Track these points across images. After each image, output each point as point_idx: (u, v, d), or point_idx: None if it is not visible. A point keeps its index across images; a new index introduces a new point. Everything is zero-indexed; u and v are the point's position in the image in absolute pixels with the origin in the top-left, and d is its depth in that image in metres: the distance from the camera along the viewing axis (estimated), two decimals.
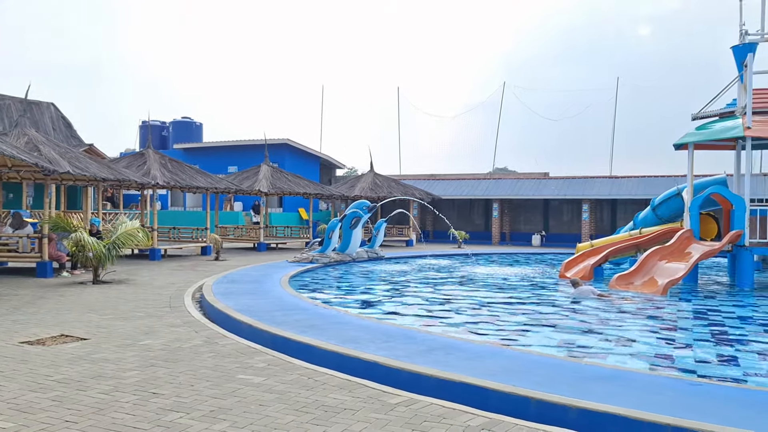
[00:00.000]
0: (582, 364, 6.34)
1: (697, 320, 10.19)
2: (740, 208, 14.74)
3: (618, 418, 4.42)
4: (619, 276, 14.20)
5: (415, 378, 5.54)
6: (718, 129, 15.48)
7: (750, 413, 4.62)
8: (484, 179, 38.11)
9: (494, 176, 39.93)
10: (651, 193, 25.87)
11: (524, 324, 9.44)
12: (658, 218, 18.70)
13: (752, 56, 15.15)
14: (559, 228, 36.16)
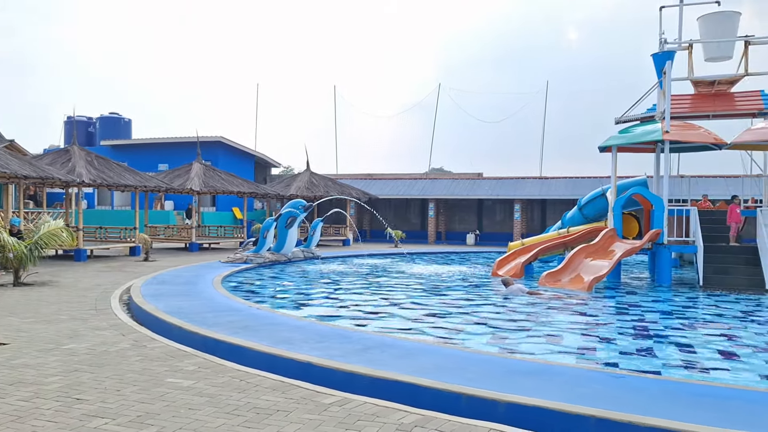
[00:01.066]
0: (512, 360, 6.52)
1: (620, 315, 10.65)
2: (659, 208, 15.52)
3: (544, 410, 4.57)
4: (548, 273, 14.67)
5: (349, 377, 5.54)
6: (639, 132, 16.24)
7: (666, 404, 4.87)
8: (421, 179, 38.54)
9: (430, 176, 40.44)
10: (578, 193, 26.85)
11: (458, 321, 9.61)
12: (584, 218, 19.44)
13: (670, 64, 15.98)
14: (493, 227, 37.00)
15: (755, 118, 17.33)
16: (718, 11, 17.23)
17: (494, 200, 35.98)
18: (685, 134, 15.62)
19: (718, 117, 17.78)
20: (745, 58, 17.07)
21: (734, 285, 14.09)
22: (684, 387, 5.57)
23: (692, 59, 17.48)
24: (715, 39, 17.07)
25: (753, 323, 9.89)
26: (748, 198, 19.03)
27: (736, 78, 17.44)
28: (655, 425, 4.21)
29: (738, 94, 17.96)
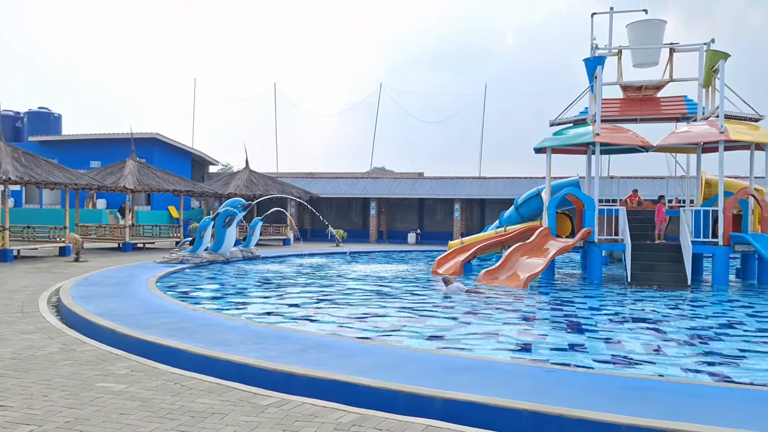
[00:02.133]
0: (450, 357, 6.63)
1: (553, 311, 11.00)
2: (590, 207, 16.10)
3: (479, 405, 4.69)
4: (486, 271, 14.99)
5: (287, 378, 5.51)
6: (572, 135, 16.81)
7: (595, 396, 5.07)
8: (362, 178, 38.60)
9: (372, 175, 40.57)
10: (515, 193, 27.53)
11: (398, 320, 9.69)
12: (520, 217, 19.97)
13: (601, 69, 16.60)
14: (433, 226, 37.46)
15: (679, 122, 18.23)
16: (645, 19, 18.03)
17: (435, 200, 36.43)
18: (614, 137, 16.26)
19: (645, 120, 18.61)
20: (670, 65, 17.93)
21: (659, 281, 14.77)
22: (612, 380, 5.82)
23: (621, 65, 18.24)
24: (642, 46, 17.85)
25: (676, 318, 10.41)
26: (672, 198, 19.99)
27: (661, 83, 18.29)
28: (584, 417, 4.38)
29: (663, 99, 18.85)
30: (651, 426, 4.22)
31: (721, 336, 8.76)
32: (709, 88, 16.98)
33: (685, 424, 4.23)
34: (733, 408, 4.79)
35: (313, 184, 36.78)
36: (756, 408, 4.80)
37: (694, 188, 17.98)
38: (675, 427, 4.20)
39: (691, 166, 18.82)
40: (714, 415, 4.53)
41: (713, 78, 16.39)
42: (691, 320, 10.26)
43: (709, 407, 4.80)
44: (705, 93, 17.23)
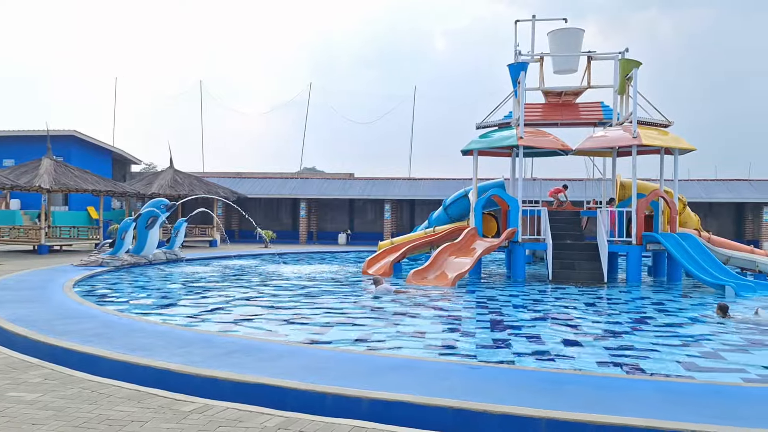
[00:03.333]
0: (377, 356, 6.69)
1: (479, 309, 11.29)
2: (515, 208, 16.62)
3: (406, 404, 4.76)
4: (415, 271, 15.19)
5: (211, 383, 5.40)
6: (497, 138, 17.30)
7: (517, 391, 5.25)
8: (292, 178, 38.24)
9: (302, 175, 40.27)
10: (444, 194, 27.99)
11: (327, 321, 9.68)
12: (449, 217, 20.34)
13: (524, 74, 17.16)
14: (364, 227, 37.57)
15: (596, 126, 19.10)
16: (565, 28, 18.79)
17: (365, 200, 36.55)
18: (536, 140, 16.85)
19: (566, 125, 19.39)
20: (587, 72, 18.76)
21: (578, 279, 15.41)
22: (533, 375, 6.04)
23: (543, 71, 18.93)
24: (562, 53, 18.59)
25: (593, 314, 10.91)
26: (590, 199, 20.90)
27: (580, 90, 19.12)
28: (506, 412, 4.53)
29: (582, 104, 19.70)
30: (566, 418, 4.41)
31: (633, 330, 9.24)
32: (623, 95, 17.87)
33: (598, 416, 4.44)
34: (643, 398, 5.07)
35: (241, 184, 36.12)
36: (663, 397, 5.10)
37: (611, 190, 18.87)
38: (589, 418, 4.40)
39: (607, 169, 19.74)
40: (625, 406, 4.78)
41: (627, 85, 17.26)
42: (607, 316, 10.79)
43: (622, 398, 5.06)
44: (620, 99, 18.12)
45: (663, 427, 4.27)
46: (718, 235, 22.37)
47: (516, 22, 18.86)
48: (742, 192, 32.59)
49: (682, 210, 19.01)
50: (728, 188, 33.05)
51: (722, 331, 9.12)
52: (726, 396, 5.18)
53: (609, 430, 4.35)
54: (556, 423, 4.41)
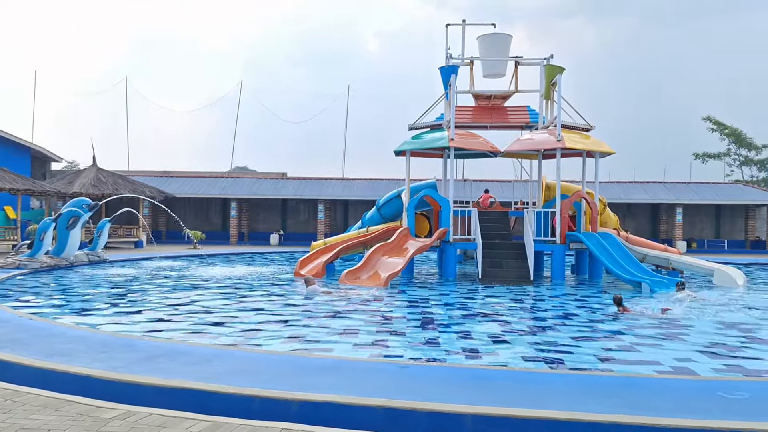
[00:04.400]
0: (307, 358, 6.66)
1: (411, 308, 11.42)
2: (446, 208, 16.91)
3: (335, 405, 4.76)
4: (348, 272, 15.19)
5: (133, 389, 5.23)
6: (429, 139, 17.56)
7: (445, 388, 5.35)
8: (223, 178, 37.48)
9: (233, 175, 39.52)
10: (377, 194, 28.17)
11: (258, 323, 9.54)
12: (382, 217, 20.47)
13: (455, 77, 17.49)
14: (297, 227, 37.27)
15: (523, 130, 19.69)
16: (493, 33, 19.28)
17: (298, 200, 36.26)
18: (467, 142, 17.21)
19: (495, 128, 19.90)
20: (515, 77, 19.31)
21: (506, 277, 15.84)
22: (461, 371, 6.18)
23: (473, 74, 19.36)
24: (490, 58, 19.06)
25: (520, 311, 11.24)
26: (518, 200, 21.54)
27: (508, 94, 19.66)
28: (433, 409, 4.61)
29: (510, 108, 20.27)
30: (492, 413, 4.53)
31: (557, 326, 9.59)
32: (548, 99, 18.50)
33: (522, 410, 4.59)
34: (564, 392, 5.26)
35: (169, 183, 35.08)
36: (583, 390, 5.32)
37: (537, 191, 19.50)
38: (513, 413, 4.54)
39: (534, 170, 20.39)
40: (548, 400, 4.96)
41: (552, 90, 17.89)
42: (532, 313, 11.14)
43: (545, 392, 5.24)
44: (545, 104, 18.75)
45: (582, 419, 4.46)
46: (636, 234, 23.54)
47: (447, 25, 19.20)
48: (657, 194, 34.40)
49: (603, 210, 19.88)
50: (645, 190, 34.81)
51: (638, 325, 9.60)
52: (640, 387, 5.46)
53: (532, 423, 4.50)
54: (481, 418, 4.52)
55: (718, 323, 9.93)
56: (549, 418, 4.48)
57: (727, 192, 35.21)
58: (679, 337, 8.77)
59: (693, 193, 34.38)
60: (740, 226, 36.01)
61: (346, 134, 43.73)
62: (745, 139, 50.56)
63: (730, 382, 5.95)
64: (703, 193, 34.46)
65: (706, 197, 33.96)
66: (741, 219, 35.95)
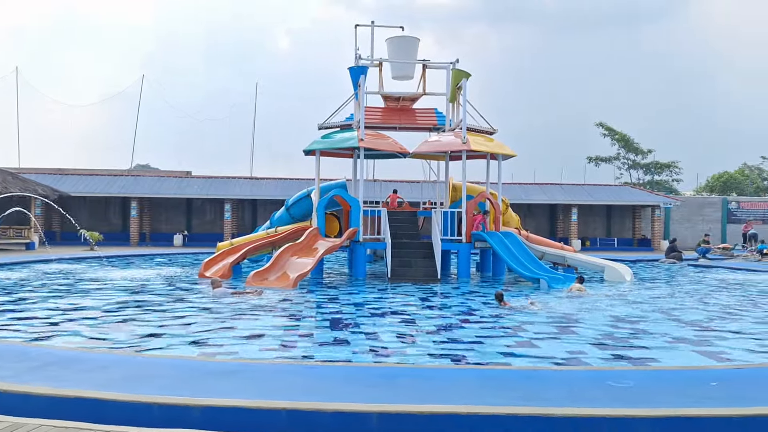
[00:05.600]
0: (209, 362, 6.50)
1: (320, 308, 11.40)
2: (356, 208, 17.01)
3: (238, 409, 4.67)
4: (255, 273, 14.93)
5: (23, 399, 4.89)
6: (338, 139, 17.59)
7: (354, 387, 5.38)
8: (122, 176, 35.78)
9: (133, 173, 37.83)
10: (287, 194, 27.86)
11: (158, 327, 9.19)
12: (291, 217, 20.28)
13: (364, 78, 17.63)
14: (202, 227, 36.18)
15: (431, 131, 20.14)
16: (401, 35, 19.59)
17: (204, 199, 35.22)
18: (376, 143, 17.39)
19: (404, 129, 20.23)
20: (423, 80, 19.71)
21: (415, 276, 16.14)
22: (368, 370, 6.24)
23: (382, 75, 19.57)
24: (399, 60, 19.35)
25: (427, 309, 11.49)
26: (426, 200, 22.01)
27: (416, 96, 20.03)
28: (338, 409, 4.63)
29: (418, 110, 20.66)
30: (397, 410, 4.61)
31: (462, 323, 9.90)
32: (454, 102, 19.03)
33: (427, 406, 4.70)
34: (467, 386, 5.44)
35: (64, 181, 33.04)
36: (483, 384, 5.52)
37: (444, 192, 20.01)
38: (418, 409, 4.64)
39: (441, 171, 20.89)
40: (452, 395, 5.10)
41: (458, 94, 18.40)
42: (439, 310, 11.43)
43: (449, 388, 5.39)
44: (451, 107, 19.27)
45: (481, 412, 4.63)
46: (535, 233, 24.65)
47: (356, 26, 19.30)
48: (555, 195, 36.23)
49: (505, 210, 20.70)
50: (544, 191, 36.56)
51: (538, 321, 10.07)
52: (535, 380, 5.74)
53: (437, 418, 4.62)
54: (387, 416, 4.59)
55: (609, 316, 10.59)
56: (451, 413, 4.61)
57: (617, 194, 37.62)
58: (573, 330, 9.28)
59: (587, 194, 36.44)
60: (628, 226, 38.56)
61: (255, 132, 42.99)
62: (633, 145, 54.23)
63: (618, 372, 6.37)
64: (595, 194, 36.61)
65: (598, 198, 36.11)
66: (629, 219, 38.49)
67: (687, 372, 6.40)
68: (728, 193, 53.11)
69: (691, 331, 9.39)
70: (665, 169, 55.12)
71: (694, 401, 4.95)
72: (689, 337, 8.86)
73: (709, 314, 11.10)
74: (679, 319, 10.56)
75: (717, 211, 38.72)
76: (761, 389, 5.44)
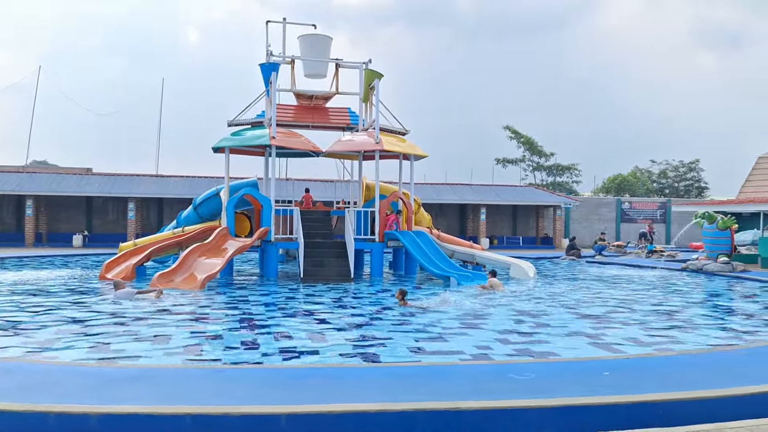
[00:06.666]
0: (110, 368, 6.22)
1: (229, 310, 11.14)
2: (267, 207, 16.76)
3: (140, 416, 4.50)
4: (161, 274, 14.41)
5: None
6: (249, 136, 17.27)
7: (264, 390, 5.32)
8: (16, 173, 33.45)
9: (29, 170, 35.48)
10: (195, 192, 27.00)
11: (55, 332, 8.67)
12: (199, 217, 19.69)
13: (276, 75, 17.41)
14: (104, 227, 34.47)
15: (344, 131, 20.17)
16: (314, 34, 19.49)
17: (106, 198, 33.56)
18: (288, 141, 17.22)
19: (317, 128, 20.14)
20: (336, 79, 19.70)
21: (328, 276, 16.11)
22: (277, 372, 6.20)
23: (294, 73, 19.39)
24: (311, 58, 19.25)
25: (339, 308, 11.51)
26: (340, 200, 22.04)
27: (329, 95, 20.00)
28: (246, 413, 4.56)
29: (331, 109, 20.64)
30: (306, 411, 4.60)
31: (374, 322, 9.99)
32: (367, 102, 19.16)
33: (335, 405, 4.72)
34: (376, 384, 5.51)
35: None
36: (393, 382, 5.61)
37: (357, 191, 20.10)
38: (326, 409, 4.65)
39: (354, 171, 20.99)
40: (362, 393, 5.16)
41: (371, 94, 18.55)
42: (351, 309, 11.47)
43: (359, 386, 5.44)
44: (364, 107, 19.39)
45: (390, 409, 4.71)
46: (447, 232, 25.31)
47: (267, 22, 19.00)
48: (465, 195, 37.28)
49: (418, 210, 21.09)
50: (454, 191, 37.54)
51: (447, 317, 10.34)
52: (443, 375, 5.91)
53: (346, 417, 4.65)
54: (296, 417, 4.57)
55: (514, 312, 11.04)
56: (360, 411, 4.66)
57: (522, 194, 39.23)
58: (479, 326, 9.60)
59: (495, 194, 37.76)
60: (532, 225, 40.30)
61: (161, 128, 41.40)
62: (537, 148, 56.73)
63: (520, 365, 6.67)
64: (502, 194, 38.00)
65: (505, 198, 37.50)
66: (533, 218, 40.24)
67: (583, 363, 6.79)
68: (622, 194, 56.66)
69: (588, 324, 9.97)
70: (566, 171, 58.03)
71: (589, 390, 5.27)
72: (586, 330, 9.40)
73: (603, 308, 11.83)
74: (578, 312, 11.19)
75: (612, 211, 41.20)
76: (647, 377, 5.86)
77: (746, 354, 7.28)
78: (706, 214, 21.04)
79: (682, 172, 60.30)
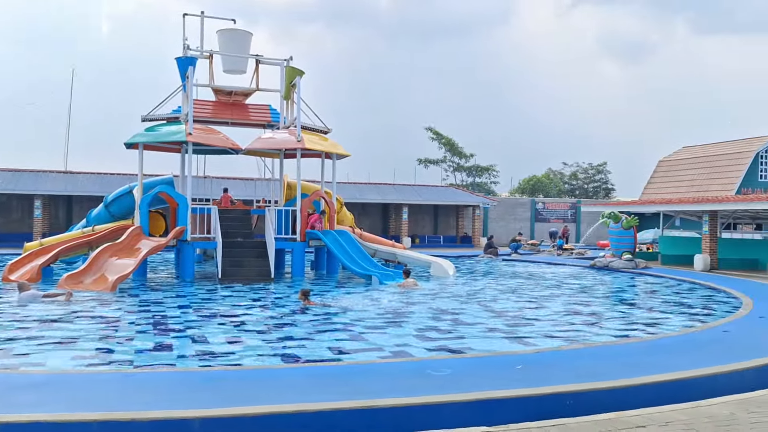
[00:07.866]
0: (12, 374, 5.88)
1: (142, 312, 10.72)
2: (183, 206, 16.25)
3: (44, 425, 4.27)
4: (69, 275, 13.71)
5: None
6: (165, 132, 16.69)
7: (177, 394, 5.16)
8: None
9: None
10: (107, 190, 25.75)
11: None
12: (111, 215, 18.83)
13: (193, 69, 16.90)
14: (8, 226, 32.32)
15: (265, 128, 19.84)
16: (233, 28, 19.05)
17: (9, 195, 31.47)
18: (206, 137, 16.76)
19: (236, 125, 19.70)
20: (256, 75, 19.34)
21: (247, 276, 15.81)
22: (191, 375, 6.03)
23: (213, 68, 18.88)
24: (230, 53, 18.81)
25: (259, 309, 11.33)
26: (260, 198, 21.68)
27: (249, 91, 19.58)
28: (156, 417, 4.41)
29: (252, 105, 20.24)
30: (220, 414, 4.50)
31: (294, 322, 9.91)
32: (288, 100, 18.94)
33: (252, 407, 4.64)
34: (296, 385, 5.46)
35: None
36: (313, 381, 5.59)
37: (278, 190, 19.84)
38: (242, 411, 4.57)
39: (276, 169, 20.69)
40: (280, 394, 5.10)
41: (292, 91, 18.35)
42: (271, 310, 11.32)
43: (277, 387, 5.38)
44: (286, 104, 19.15)
45: (308, 409, 4.69)
46: (369, 231, 25.43)
47: (184, 15, 18.42)
48: (387, 194, 37.60)
49: (340, 209, 21.05)
50: (377, 191, 37.78)
51: (367, 316, 10.40)
52: (362, 373, 5.95)
53: (263, 419, 4.58)
54: (210, 421, 4.46)
55: (433, 309, 11.25)
56: (277, 412, 4.61)
57: (443, 194, 40.01)
58: (399, 324, 9.73)
59: (416, 194, 38.29)
60: (453, 224, 41.19)
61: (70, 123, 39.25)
62: (457, 149, 58.02)
63: (437, 361, 6.80)
64: (424, 194, 38.60)
65: (426, 198, 38.11)
66: (453, 217, 41.13)
67: (497, 357, 7.03)
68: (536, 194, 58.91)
69: (502, 320, 10.31)
70: (485, 172, 59.69)
71: (503, 383, 5.45)
72: (501, 326, 9.71)
73: (518, 304, 12.26)
74: (493, 309, 11.54)
75: (527, 211, 42.76)
76: (557, 370, 6.13)
77: (647, 346, 7.74)
78: (612, 214, 22.21)
79: (591, 174, 63.35)
